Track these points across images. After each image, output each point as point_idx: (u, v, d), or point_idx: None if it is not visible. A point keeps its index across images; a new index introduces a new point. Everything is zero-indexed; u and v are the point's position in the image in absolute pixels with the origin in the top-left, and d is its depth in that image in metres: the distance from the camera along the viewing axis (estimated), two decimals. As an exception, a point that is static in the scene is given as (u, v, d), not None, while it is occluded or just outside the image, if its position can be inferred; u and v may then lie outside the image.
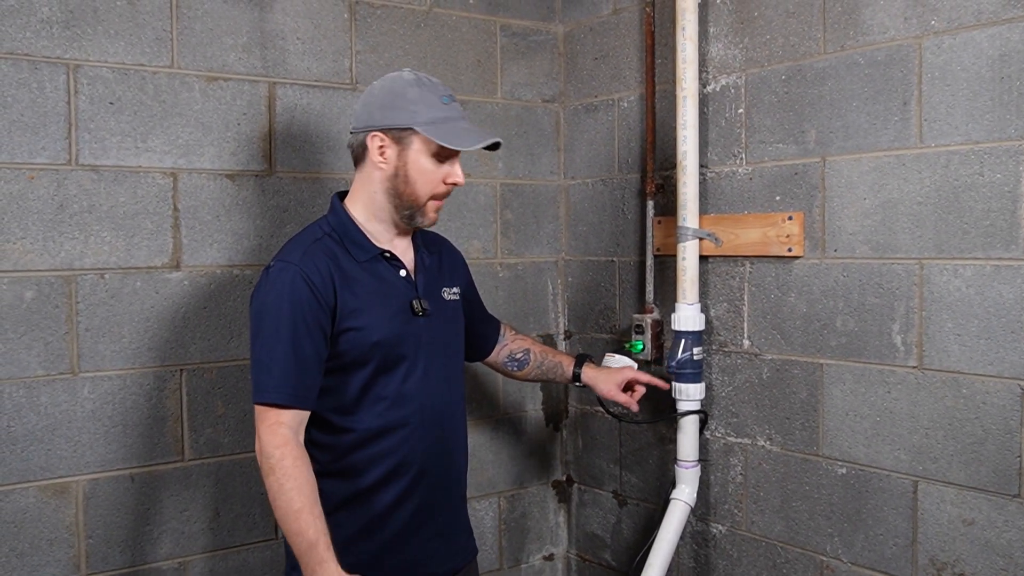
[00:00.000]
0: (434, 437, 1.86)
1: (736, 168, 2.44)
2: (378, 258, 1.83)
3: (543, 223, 3.03)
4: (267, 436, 1.68)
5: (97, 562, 2.23)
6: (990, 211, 1.93)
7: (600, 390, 2.25)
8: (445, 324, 1.92)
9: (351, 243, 1.81)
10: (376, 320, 1.77)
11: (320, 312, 1.71)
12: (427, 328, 1.85)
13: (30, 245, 2.13)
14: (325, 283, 1.73)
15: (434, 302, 1.89)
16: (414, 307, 1.83)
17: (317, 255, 1.75)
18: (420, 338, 1.84)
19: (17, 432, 2.13)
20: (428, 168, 1.77)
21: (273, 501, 1.66)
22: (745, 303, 2.44)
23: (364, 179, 1.83)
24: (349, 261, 1.79)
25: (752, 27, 2.39)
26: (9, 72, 2.10)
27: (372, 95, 1.81)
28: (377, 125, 1.77)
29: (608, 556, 2.95)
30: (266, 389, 1.69)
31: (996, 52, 1.91)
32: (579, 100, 2.98)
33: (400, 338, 1.80)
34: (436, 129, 1.74)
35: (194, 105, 2.33)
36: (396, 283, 1.84)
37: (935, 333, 2.03)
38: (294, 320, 1.69)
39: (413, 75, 1.80)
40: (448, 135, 1.75)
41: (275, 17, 2.45)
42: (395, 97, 1.77)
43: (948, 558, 2.02)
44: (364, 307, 1.76)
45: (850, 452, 2.21)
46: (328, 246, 1.79)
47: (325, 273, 1.74)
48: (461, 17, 2.81)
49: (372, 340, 1.76)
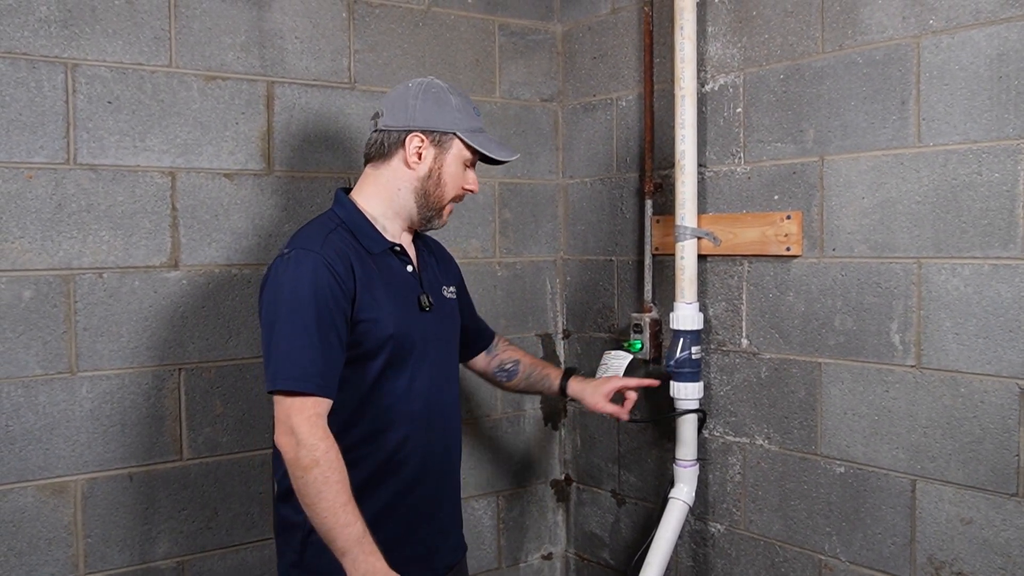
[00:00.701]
0: (436, 433, 1.88)
1: (734, 167, 2.44)
2: (389, 252, 1.85)
3: (541, 222, 3.03)
4: (307, 428, 1.64)
5: (95, 561, 2.23)
6: (988, 210, 1.93)
7: (587, 403, 2.24)
8: (445, 321, 1.95)
9: (363, 236, 1.82)
10: (390, 313, 1.78)
11: (344, 300, 1.71)
12: (431, 324, 1.88)
13: (28, 244, 2.13)
14: (347, 271, 1.73)
15: (436, 298, 1.92)
16: (421, 302, 1.85)
17: (336, 244, 1.76)
18: (426, 333, 1.86)
19: (15, 431, 2.13)
20: (458, 173, 1.87)
21: (317, 495, 1.62)
22: (743, 302, 2.44)
23: (388, 175, 1.85)
24: (363, 253, 1.80)
25: (750, 26, 2.39)
26: (7, 71, 2.10)
27: (411, 96, 1.83)
28: (419, 126, 1.82)
29: (607, 555, 2.96)
30: (297, 377, 1.65)
31: (994, 51, 1.91)
32: (577, 99, 2.98)
33: (410, 332, 1.81)
34: (476, 138, 1.86)
35: (192, 104, 2.33)
36: (405, 277, 1.86)
37: (933, 332, 2.03)
38: (319, 308, 1.67)
39: (446, 84, 1.88)
40: (486, 145, 1.87)
41: (273, 16, 2.45)
42: (439, 102, 1.83)
43: (946, 557, 2.03)
44: (379, 299, 1.77)
45: (848, 451, 2.21)
46: (344, 237, 1.79)
47: (346, 261, 1.74)
48: (459, 16, 2.81)
49: (388, 333, 1.77)
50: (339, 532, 1.62)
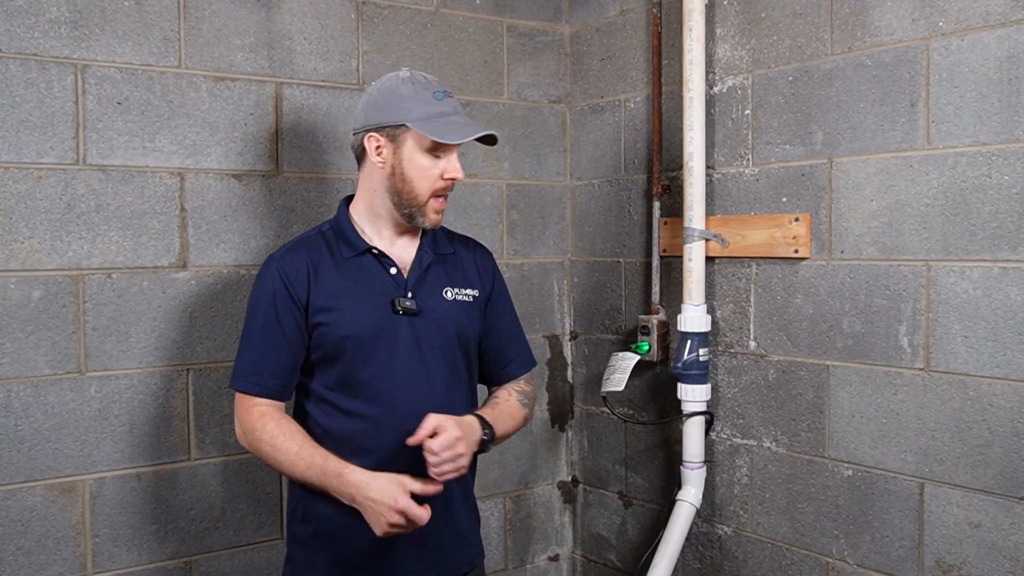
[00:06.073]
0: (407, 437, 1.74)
1: (743, 169, 2.44)
2: (365, 254, 1.83)
3: (549, 224, 3.03)
4: (245, 416, 1.78)
5: (103, 561, 2.23)
6: (998, 213, 1.92)
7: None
8: (442, 324, 1.85)
9: (342, 241, 1.84)
10: (349, 315, 1.78)
11: (291, 304, 1.78)
12: (413, 327, 1.81)
13: (38, 244, 2.14)
14: (299, 278, 1.79)
15: (430, 301, 1.84)
16: (395, 305, 1.80)
17: (299, 251, 1.83)
18: (402, 337, 1.80)
19: (24, 431, 2.13)
20: (423, 164, 1.78)
21: (275, 462, 1.75)
22: (751, 304, 2.43)
23: (366, 179, 1.86)
24: (332, 258, 1.82)
25: (759, 28, 2.39)
26: (17, 72, 2.11)
27: (368, 96, 1.84)
28: (372, 125, 1.79)
29: (613, 557, 2.95)
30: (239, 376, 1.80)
31: (1004, 53, 1.90)
32: (585, 101, 2.98)
33: (375, 335, 1.78)
34: (428, 124, 1.75)
35: (201, 105, 2.34)
36: (382, 280, 1.82)
37: (942, 335, 2.03)
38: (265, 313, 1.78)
39: (408, 73, 1.82)
40: (438, 129, 1.74)
41: (282, 17, 2.46)
42: (389, 96, 1.79)
43: (954, 560, 2.02)
44: (338, 303, 1.78)
45: (856, 454, 2.20)
46: (316, 244, 1.84)
47: (301, 268, 1.80)
48: (468, 18, 2.82)
49: (341, 334, 1.77)
50: (305, 475, 1.72)
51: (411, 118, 1.75)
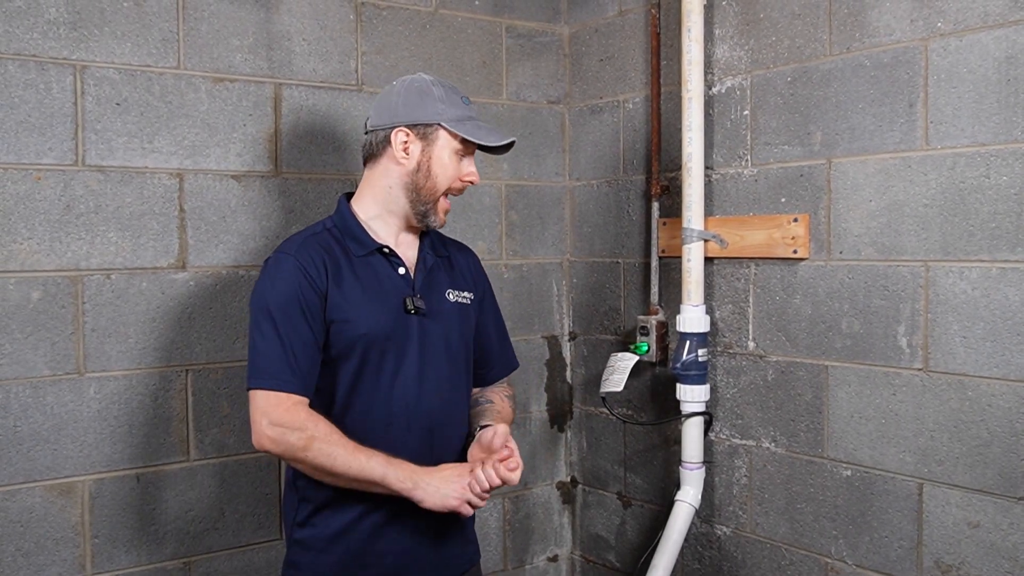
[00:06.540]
0: (419, 438, 1.82)
1: (741, 170, 2.44)
2: (375, 253, 1.84)
3: (548, 224, 3.03)
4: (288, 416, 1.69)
5: (102, 562, 2.23)
6: (996, 213, 1.93)
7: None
8: (447, 325, 1.89)
9: (351, 239, 1.83)
10: (365, 314, 1.78)
11: (316, 300, 1.75)
12: (422, 327, 1.84)
13: (37, 245, 2.14)
14: (320, 273, 1.77)
15: (435, 302, 1.88)
16: (407, 304, 1.82)
17: (313, 246, 1.80)
18: (412, 336, 1.82)
19: (23, 432, 2.13)
20: (449, 164, 1.83)
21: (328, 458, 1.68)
22: (750, 305, 2.43)
23: (379, 175, 1.86)
24: (344, 256, 1.81)
25: (758, 29, 2.39)
26: (16, 73, 2.11)
27: (395, 94, 1.85)
28: (403, 121, 1.82)
29: (612, 557, 2.95)
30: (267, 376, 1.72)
31: (1003, 54, 1.90)
32: (584, 101, 2.99)
33: (389, 334, 1.80)
34: (462, 126, 1.82)
35: (200, 106, 2.34)
36: (393, 279, 1.84)
37: (941, 335, 2.03)
38: (290, 308, 1.73)
39: (432, 77, 1.87)
40: (473, 132, 1.83)
41: (281, 18, 2.46)
42: (421, 96, 1.83)
43: (953, 560, 2.02)
44: (354, 301, 1.78)
45: (855, 454, 2.20)
46: (325, 240, 1.82)
47: (319, 264, 1.78)
48: (467, 18, 2.82)
49: (359, 332, 1.77)
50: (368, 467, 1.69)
51: (447, 118, 1.82)
